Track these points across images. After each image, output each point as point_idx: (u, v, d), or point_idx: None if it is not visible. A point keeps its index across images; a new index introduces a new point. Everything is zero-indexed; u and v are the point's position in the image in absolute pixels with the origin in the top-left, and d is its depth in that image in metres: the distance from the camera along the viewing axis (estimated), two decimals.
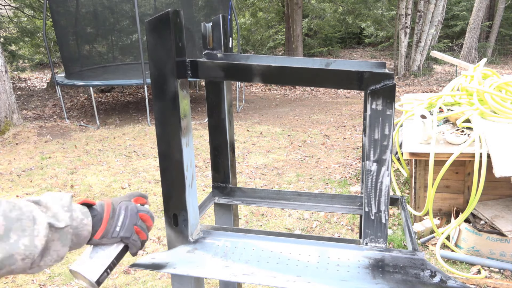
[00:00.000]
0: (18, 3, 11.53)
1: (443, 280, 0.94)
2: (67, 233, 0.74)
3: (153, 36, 0.96)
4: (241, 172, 4.90)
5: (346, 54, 17.03)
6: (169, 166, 1.06)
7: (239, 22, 15.00)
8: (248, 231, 1.18)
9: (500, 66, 13.47)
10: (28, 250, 0.67)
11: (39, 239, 0.69)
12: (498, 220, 2.88)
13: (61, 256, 0.74)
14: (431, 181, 2.78)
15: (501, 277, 2.71)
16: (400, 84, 11.09)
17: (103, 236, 0.83)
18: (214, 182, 1.51)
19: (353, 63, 1.32)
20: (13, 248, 0.65)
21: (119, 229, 0.85)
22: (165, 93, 1.00)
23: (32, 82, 12.58)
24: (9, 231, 0.65)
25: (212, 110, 1.42)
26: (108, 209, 0.85)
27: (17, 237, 0.66)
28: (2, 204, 0.67)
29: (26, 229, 0.67)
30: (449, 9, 14.87)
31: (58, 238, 0.73)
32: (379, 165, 0.98)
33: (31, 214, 0.69)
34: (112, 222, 0.85)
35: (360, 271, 0.99)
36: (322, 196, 1.44)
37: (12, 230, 0.66)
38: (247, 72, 1.01)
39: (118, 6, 9.76)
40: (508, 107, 3.03)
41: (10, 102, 6.84)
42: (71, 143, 6.30)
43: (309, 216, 3.71)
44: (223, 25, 1.30)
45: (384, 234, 1.04)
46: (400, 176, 4.36)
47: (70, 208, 0.76)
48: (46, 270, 2.95)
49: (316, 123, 7.33)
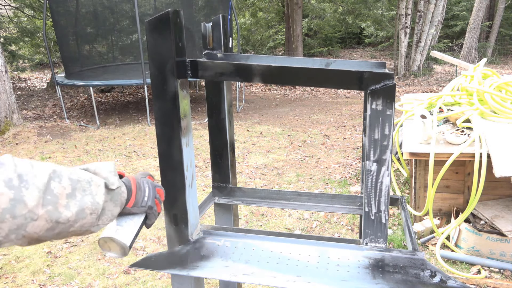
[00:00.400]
0: (18, 3, 11.53)
1: (443, 280, 0.94)
2: (118, 194, 0.84)
3: (153, 36, 0.96)
4: (241, 172, 4.90)
5: (346, 54, 17.03)
6: (169, 166, 1.06)
7: (239, 22, 15.00)
8: (248, 231, 1.18)
9: (500, 66, 13.47)
10: (94, 205, 0.76)
11: (99, 197, 0.78)
12: (498, 220, 2.88)
13: (114, 216, 0.83)
14: (431, 181, 2.78)
15: (501, 277, 2.71)
16: (400, 84, 11.09)
17: (134, 205, 0.91)
18: (214, 182, 1.51)
19: (353, 63, 1.32)
20: (82, 203, 0.74)
21: (147, 199, 0.93)
22: (165, 93, 1.00)
23: (32, 82, 12.58)
24: (75, 190, 0.74)
25: (212, 110, 1.42)
26: (134, 182, 0.93)
27: (81, 195, 0.75)
28: (63, 169, 0.75)
29: (86, 189, 0.76)
30: (449, 9, 14.88)
31: (110, 198, 0.82)
32: (379, 165, 0.98)
33: (86, 177, 0.78)
34: (140, 193, 0.93)
35: (360, 271, 0.99)
36: (322, 196, 1.44)
37: (77, 189, 0.74)
38: (247, 72, 1.01)
39: (118, 6, 9.76)
40: (508, 107, 3.03)
41: (10, 102, 6.84)
42: (71, 143, 6.30)
43: (309, 216, 3.71)
44: (223, 25, 1.30)
45: (384, 234, 1.04)
46: (400, 176, 4.36)
47: (116, 173, 0.85)
48: (46, 270, 2.95)
49: (316, 123, 7.33)
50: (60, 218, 0.71)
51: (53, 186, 0.70)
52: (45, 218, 0.68)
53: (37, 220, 0.67)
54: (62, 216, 0.71)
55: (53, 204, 0.70)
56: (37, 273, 2.94)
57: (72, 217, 0.72)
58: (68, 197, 0.72)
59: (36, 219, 0.67)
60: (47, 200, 0.69)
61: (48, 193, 0.69)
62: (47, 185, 0.69)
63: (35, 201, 0.67)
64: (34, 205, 0.67)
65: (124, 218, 0.92)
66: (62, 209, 0.71)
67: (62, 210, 0.71)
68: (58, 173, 0.73)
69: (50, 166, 0.73)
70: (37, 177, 0.69)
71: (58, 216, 0.70)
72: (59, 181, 0.72)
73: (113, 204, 0.82)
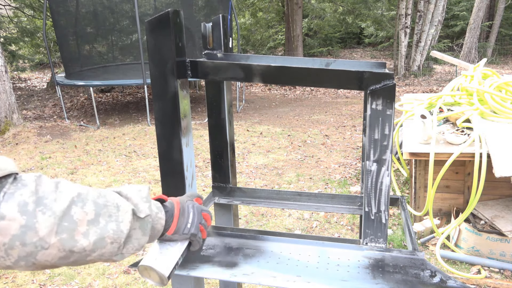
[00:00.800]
0: (18, 3, 11.53)
1: (443, 280, 0.94)
2: (147, 222, 0.78)
3: (153, 36, 0.96)
4: (241, 172, 4.90)
5: (346, 54, 17.03)
6: (169, 166, 1.06)
7: (239, 22, 15.00)
8: (248, 231, 1.18)
9: (500, 66, 13.47)
10: (116, 234, 0.71)
11: (124, 225, 0.72)
12: (498, 220, 2.88)
13: (141, 245, 0.77)
14: (431, 181, 2.78)
15: (501, 277, 2.71)
16: (400, 84, 11.08)
17: (175, 232, 0.86)
18: (214, 182, 1.51)
19: (353, 63, 1.32)
20: (104, 231, 0.69)
21: (190, 226, 0.88)
22: (165, 93, 1.00)
23: (32, 82, 12.58)
24: (99, 216, 0.69)
25: (212, 110, 1.42)
26: (178, 207, 0.88)
27: (105, 222, 0.70)
28: (90, 191, 0.71)
29: (112, 215, 0.71)
30: (449, 9, 14.87)
31: (139, 226, 0.76)
32: (379, 165, 0.98)
33: (115, 201, 0.73)
34: (183, 219, 0.88)
35: (360, 271, 0.99)
36: (322, 196, 1.44)
37: (101, 215, 0.70)
38: (247, 72, 1.01)
39: (118, 6, 9.76)
40: (508, 107, 3.03)
41: (10, 102, 6.84)
42: (71, 143, 6.30)
43: (309, 216, 3.71)
44: (223, 25, 1.30)
45: (384, 234, 1.04)
46: (400, 176, 4.36)
47: (148, 199, 0.80)
48: (46, 271, 2.95)
49: (316, 123, 7.33)
50: (74, 247, 0.67)
51: (73, 211, 0.67)
52: (57, 246, 0.65)
53: (48, 248, 0.64)
54: (77, 245, 0.67)
55: (70, 231, 0.66)
56: (37, 273, 2.94)
57: (89, 246, 0.68)
58: (89, 224, 0.68)
59: (47, 248, 0.64)
60: (62, 227, 0.65)
61: (66, 220, 0.66)
62: (66, 211, 0.66)
63: (47, 228, 0.63)
64: (46, 233, 0.63)
65: (165, 245, 0.87)
66: (78, 237, 0.67)
67: (78, 238, 0.67)
68: (83, 197, 0.69)
69: (76, 188, 0.69)
70: (57, 201, 0.65)
71: (73, 245, 0.66)
72: (82, 206, 0.68)
73: (141, 232, 0.77)
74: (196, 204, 0.93)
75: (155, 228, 0.82)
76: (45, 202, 0.64)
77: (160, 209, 0.83)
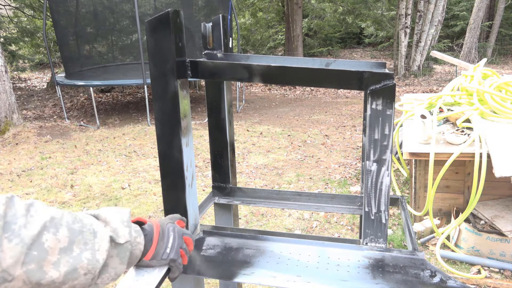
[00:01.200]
0: (18, 3, 11.53)
1: (443, 280, 0.94)
2: (126, 249, 0.72)
3: (153, 36, 0.96)
4: (241, 172, 4.90)
5: (346, 54, 17.03)
6: (169, 166, 1.06)
7: (239, 22, 15.00)
8: (248, 231, 1.18)
9: (500, 66, 13.47)
10: (91, 265, 0.65)
11: (100, 253, 0.67)
12: (498, 220, 2.88)
13: (118, 274, 0.71)
14: (431, 181, 2.78)
15: (501, 277, 2.71)
16: (400, 84, 11.08)
17: (153, 258, 0.81)
18: (214, 182, 1.51)
19: (353, 63, 1.32)
20: (77, 261, 0.63)
21: (169, 251, 0.83)
22: (165, 93, 1.00)
23: (32, 82, 12.58)
24: (73, 244, 0.64)
25: (212, 110, 1.42)
26: (158, 230, 0.83)
27: (79, 250, 0.64)
28: (64, 215, 0.65)
29: (88, 242, 0.65)
30: (449, 9, 14.87)
31: (116, 254, 0.71)
32: (379, 165, 0.98)
33: (91, 227, 0.67)
34: (162, 243, 0.83)
35: (360, 271, 0.99)
36: (322, 196, 1.44)
37: (75, 242, 0.64)
38: (247, 72, 1.01)
39: (118, 6, 9.76)
40: (508, 107, 3.03)
41: (10, 102, 6.84)
42: (71, 143, 6.30)
43: (309, 216, 3.71)
44: (223, 25, 1.30)
45: (384, 234, 1.04)
46: (400, 176, 4.36)
47: (129, 224, 0.74)
48: None
49: (316, 123, 7.33)
50: (43, 279, 0.60)
51: (45, 238, 0.60)
52: (22, 279, 0.58)
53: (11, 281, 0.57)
54: (45, 277, 0.60)
55: (38, 261, 0.59)
56: None
57: (59, 278, 0.61)
58: (61, 252, 0.62)
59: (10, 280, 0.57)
60: (31, 256, 0.58)
61: (36, 248, 0.59)
62: (36, 238, 0.59)
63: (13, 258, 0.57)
64: (11, 264, 0.57)
65: (141, 272, 0.82)
66: (48, 268, 0.60)
67: (48, 269, 0.60)
68: (57, 221, 0.63)
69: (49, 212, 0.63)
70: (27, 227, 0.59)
71: (41, 277, 0.59)
72: (55, 232, 0.62)
73: (119, 260, 0.71)
74: (177, 227, 0.88)
75: (133, 254, 0.76)
76: (13, 227, 0.58)
77: (139, 233, 0.77)
